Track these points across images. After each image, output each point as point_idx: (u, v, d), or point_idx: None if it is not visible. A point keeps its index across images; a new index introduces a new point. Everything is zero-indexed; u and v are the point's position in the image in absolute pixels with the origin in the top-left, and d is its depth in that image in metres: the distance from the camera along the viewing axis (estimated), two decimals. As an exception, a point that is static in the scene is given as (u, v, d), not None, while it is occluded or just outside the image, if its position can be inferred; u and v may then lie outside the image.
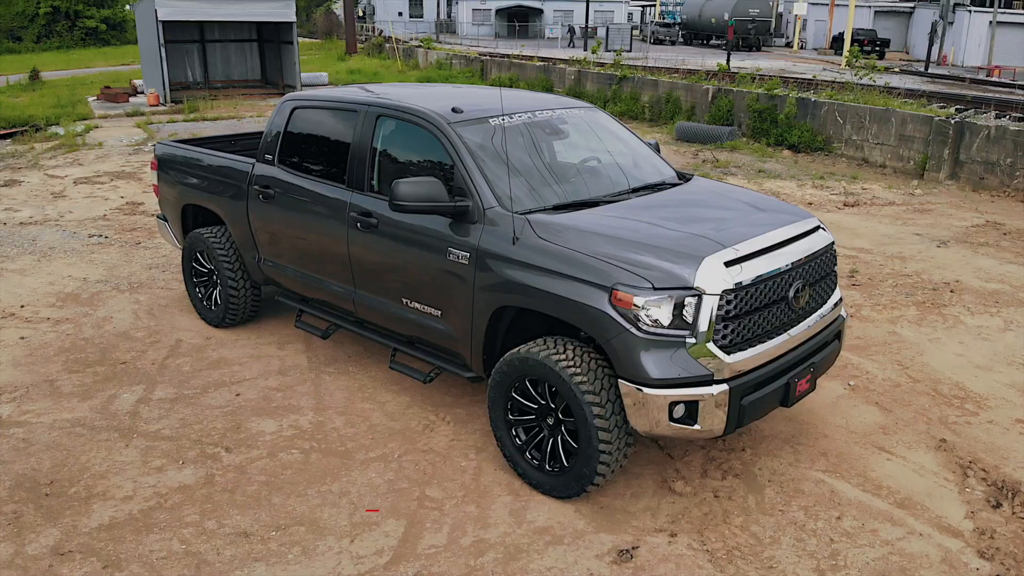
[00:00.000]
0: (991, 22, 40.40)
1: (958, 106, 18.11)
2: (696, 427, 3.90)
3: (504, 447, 4.52)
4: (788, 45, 56.16)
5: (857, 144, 14.98)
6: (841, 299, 4.79)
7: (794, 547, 3.96)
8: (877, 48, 42.48)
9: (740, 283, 3.92)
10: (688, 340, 3.86)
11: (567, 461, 4.24)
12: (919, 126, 13.76)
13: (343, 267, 5.35)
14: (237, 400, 5.50)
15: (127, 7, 52.99)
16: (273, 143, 5.88)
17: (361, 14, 69.37)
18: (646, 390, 3.84)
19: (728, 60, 31.00)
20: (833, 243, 4.66)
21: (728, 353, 3.92)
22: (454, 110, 4.91)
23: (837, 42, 47.24)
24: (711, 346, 3.87)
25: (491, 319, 4.51)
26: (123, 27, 52.54)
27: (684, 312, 3.83)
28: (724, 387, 3.87)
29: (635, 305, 3.83)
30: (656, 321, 3.83)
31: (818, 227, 4.62)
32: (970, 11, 42.33)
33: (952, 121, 13.19)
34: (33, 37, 50.30)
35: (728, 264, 3.93)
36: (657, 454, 4.79)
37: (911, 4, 51.45)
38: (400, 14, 70.03)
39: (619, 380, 3.94)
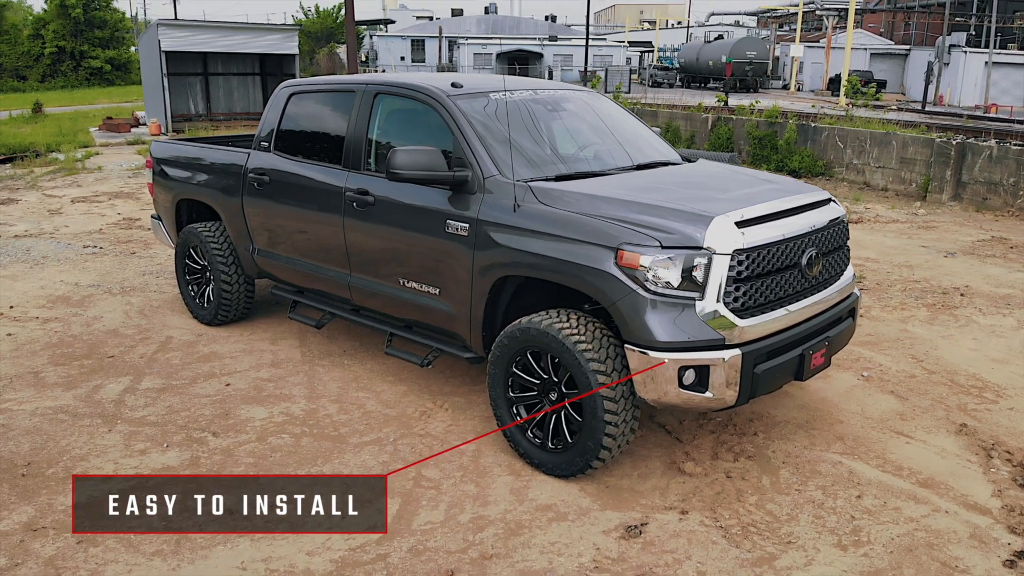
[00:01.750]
0: (987, 63, 40.82)
1: (957, 135, 18.12)
2: (707, 395, 3.69)
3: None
4: (785, 87, 56.73)
5: (858, 168, 14.94)
6: (855, 276, 4.62)
7: (813, 524, 3.73)
8: (872, 97, 42.86)
9: (752, 244, 3.75)
10: (698, 303, 3.68)
11: (571, 437, 4.02)
12: (920, 148, 13.72)
13: (339, 251, 5.19)
14: (227, 390, 5.29)
15: (132, 49, 53.75)
16: (269, 130, 5.77)
17: (364, 58, 70.31)
18: (654, 354, 3.65)
19: (726, 96, 31.18)
20: (844, 216, 4.51)
21: (741, 318, 3.73)
22: (453, 85, 4.81)
23: (834, 83, 47.66)
24: (723, 309, 3.69)
25: (491, 293, 4.33)
26: (128, 67, 53.09)
27: (694, 273, 3.65)
28: (736, 352, 3.68)
29: (642, 266, 3.66)
30: (665, 282, 3.65)
31: (829, 199, 4.47)
32: (965, 52, 42.81)
33: (954, 142, 13.15)
34: (38, 76, 50.80)
35: (739, 225, 3.77)
36: (665, 438, 4.57)
37: (906, 47, 52.15)
38: (402, 58, 70.84)
39: (626, 346, 3.75)
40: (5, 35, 51.79)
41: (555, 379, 4.05)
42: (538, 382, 4.14)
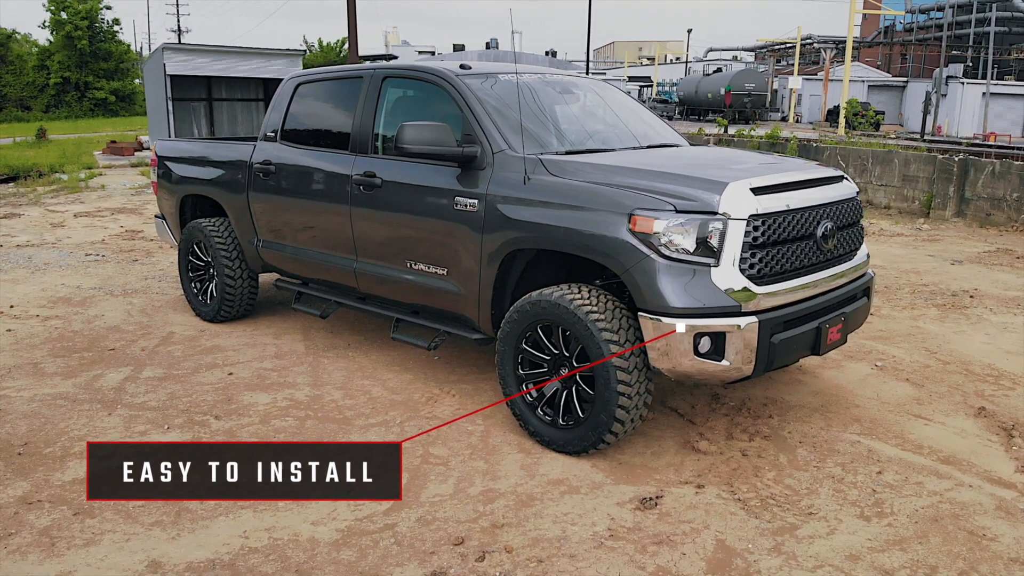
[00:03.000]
0: (984, 93, 41.18)
1: (959, 153, 18.16)
2: (723, 363, 3.60)
3: (514, 405, 4.21)
4: (784, 119, 57.09)
5: (860, 186, 14.92)
6: (869, 256, 4.55)
7: (834, 497, 3.62)
8: (872, 120, 43.20)
9: (767, 210, 3.69)
10: (714, 269, 3.60)
11: (582, 412, 3.92)
12: (923, 166, 13.72)
13: (344, 237, 5.12)
14: (229, 378, 5.19)
15: (136, 81, 54.23)
16: (276, 121, 5.74)
17: (366, 91, 70.71)
18: (668, 320, 3.56)
19: (727, 122, 31.39)
20: (858, 194, 4.46)
21: (757, 285, 3.65)
22: (462, 66, 4.79)
23: (832, 115, 48.02)
24: (738, 276, 3.61)
25: (500, 269, 4.26)
26: (132, 99, 53.51)
27: (709, 239, 3.58)
28: (753, 319, 3.60)
29: (656, 231, 3.59)
30: (679, 248, 3.58)
31: (842, 177, 4.43)
32: (963, 83, 43.20)
33: (956, 159, 13.17)
34: (42, 107, 51.14)
35: (755, 192, 3.71)
36: (677, 420, 4.47)
37: (903, 79, 52.64)
38: (404, 90, 71.35)
39: (640, 314, 3.66)
40: (10, 66, 52.26)
41: (566, 353, 3.97)
42: (548, 358, 4.05)
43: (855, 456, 4.02)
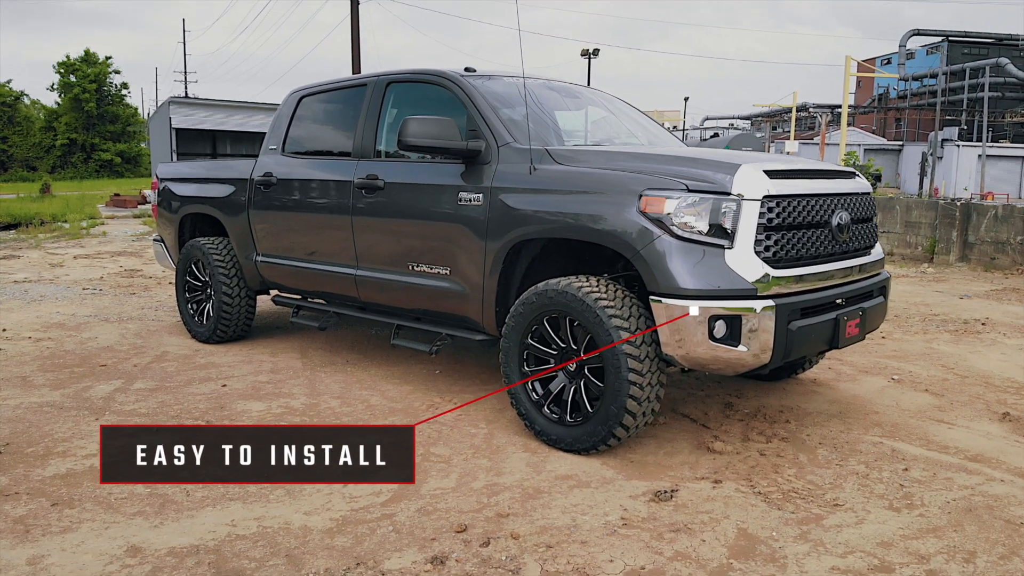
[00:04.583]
0: (980, 155, 41.61)
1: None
2: (740, 348, 3.43)
3: (519, 404, 4.02)
4: (782, 182, 57.55)
5: (863, 234, 14.88)
6: (883, 257, 4.42)
7: (860, 491, 3.41)
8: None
9: (781, 192, 3.58)
10: (728, 251, 3.47)
11: (591, 406, 3.74)
12: (925, 212, 13.70)
13: (345, 244, 5.00)
14: (223, 390, 5.01)
15: (142, 144, 54.98)
16: (277, 134, 5.70)
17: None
18: (681, 302, 3.41)
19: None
20: (871, 190, 4.36)
21: (773, 268, 3.52)
22: (467, 69, 4.76)
23: (829, 177, 48.34)
24: (753, 258, 3.48)
25: (505, 264, 4.12)
26: (137, 160, 54.14)
27: (722, 219, 3.46)
28: (770, 303, 3.45)
29: (667, 211, 3.48)
30: (692, 228, 3.46)
31: (855, 173, 4.34)
32: (958, 146, 43.71)
33: (958, 203, 13.16)
34: (48, 167, 51.66)
35: (768, 174, 3.60)
36: (691, 425, 4.27)
37: (899, 143, 53.34)
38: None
39: (651, 299, 3.52)
40: (17, 127, 53.08)
41: (574, 347, 3.81)
42: (555, 352, 3.89)
43: (878, 455, 3.82)
